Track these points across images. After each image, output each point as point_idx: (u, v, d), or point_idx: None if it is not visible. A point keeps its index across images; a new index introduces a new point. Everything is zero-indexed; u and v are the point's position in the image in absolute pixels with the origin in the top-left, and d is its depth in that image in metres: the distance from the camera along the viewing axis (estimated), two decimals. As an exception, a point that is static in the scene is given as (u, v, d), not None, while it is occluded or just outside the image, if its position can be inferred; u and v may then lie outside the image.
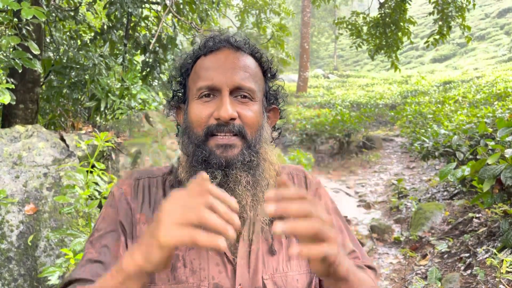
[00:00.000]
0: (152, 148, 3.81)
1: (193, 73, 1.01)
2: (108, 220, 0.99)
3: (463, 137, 5.23)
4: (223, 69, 0.95)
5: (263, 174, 0.97)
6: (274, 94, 1.07)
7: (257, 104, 0.97)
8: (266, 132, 1.01)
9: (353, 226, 5.66)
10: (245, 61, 0.98)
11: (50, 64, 5.04)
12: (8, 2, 2.69)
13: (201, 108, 0.94)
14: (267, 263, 0.97)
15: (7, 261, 2.63)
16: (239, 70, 0.95)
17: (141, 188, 1.02)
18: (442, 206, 5.00)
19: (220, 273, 0.93)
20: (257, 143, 0.96)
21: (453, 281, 3.21)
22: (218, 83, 0.93)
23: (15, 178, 2.88)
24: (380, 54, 8.98)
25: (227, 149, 0.92)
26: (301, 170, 1.15)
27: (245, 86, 0.94)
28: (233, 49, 0.99)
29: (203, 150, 0.92)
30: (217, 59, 0.97)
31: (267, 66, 1.05)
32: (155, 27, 6.38)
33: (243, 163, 0.93)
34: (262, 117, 0.99)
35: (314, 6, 10.31)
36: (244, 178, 0.92)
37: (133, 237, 0.97)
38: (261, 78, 1.02)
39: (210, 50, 0.99)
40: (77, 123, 4.17)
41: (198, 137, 0.94)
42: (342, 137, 10.82)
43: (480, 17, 34.08)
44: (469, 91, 12.92)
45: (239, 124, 0.93)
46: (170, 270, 0.92)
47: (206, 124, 0.93)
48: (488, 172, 3.06)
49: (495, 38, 30.20)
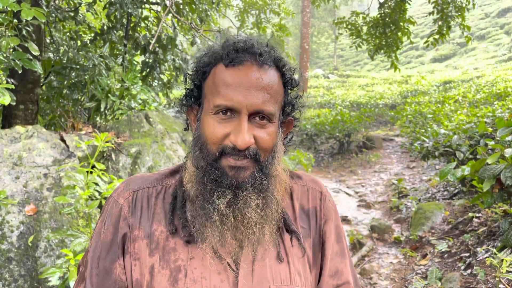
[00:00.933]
0: (152, 148, 3.81)
1: (211, 82, 0.94)
2: (105, 241, 0.97)
3: (463, 136, 5.23)
4: (244, 89, 0.88)
5: (273, 195, 0.95)
6: (292, 105, 1.01)
7: (274, 126, 0.93)
8: (280, 151, 0.97)
9: (353, 226, 5.66)
10: (269, 80, 0.91)
11: (50, 65, 5.05)
12: (8, 3, 2.69)
13: (217, 127, 0.90)
14: (275, 271, 0.95)
15: (7, 262, 2.63)
16: (261, 92, 0.89)
17: (139, 200, 0.99)
18: (442, 205, 5.00)
19: (222, 282, 0.92)
20: (270, 165, 0.93)
21: (453, 281, 3.21)
22: (237, 106, 0.88)
23: (15, 178, 2.89)
24: (380, 54, 8.98)
25: (239, 171, 0.89)
26: (318, 184, 1.11)
27: (266, 110, 0.89)
28: (257, 64, 0.91)
29: (215, 169, 0.90)
30: (238, 76, 0.89)
31: (289, 77, 0.98)
32: (155, 27, 6.39)
33: (253, 185, 0.90)
34: (277, 136, 0.95)
35: (314, 6, 10.31)
36: (254, 201, 0.90)
37: (131, 254, 0.95)
38: (281, 94, 0.96)
39: (232, 62, 0.91)
40: (77, 123, 4.17)
41: (211, 154, 0.90)
42: (342, 137, 10.83)
43: (480, 17, 34.08)
44: (469, 91, 12.93)
45: (254, 148, 0.90)
46: (172, 283, 0.91)
47: (221, 144, 0.89)
48: (488, 172, 3.07)
49: (495, 37, 30.20)
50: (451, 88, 16.07)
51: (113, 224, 0.98)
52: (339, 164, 10.27)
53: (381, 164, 9.55)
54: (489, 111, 6.86)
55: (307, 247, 1.02)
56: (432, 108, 10.85)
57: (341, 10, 31.46)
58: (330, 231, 1.06)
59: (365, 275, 4.08)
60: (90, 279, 0.96)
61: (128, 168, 3.66)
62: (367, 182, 8.28)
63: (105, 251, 0.96)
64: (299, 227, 1.03)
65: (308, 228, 1.04)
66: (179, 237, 0.94)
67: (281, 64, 0.96)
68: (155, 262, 0.93)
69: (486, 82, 14.33)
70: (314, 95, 20.44)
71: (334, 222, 1.08)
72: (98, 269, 0.95)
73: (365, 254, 4.62)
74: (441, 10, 7.79)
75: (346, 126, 10.66)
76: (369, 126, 12.90)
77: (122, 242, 0.96)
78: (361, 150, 10.88)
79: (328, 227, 1.06)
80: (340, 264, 1.06)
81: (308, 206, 1.06)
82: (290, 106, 1.01)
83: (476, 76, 18.69)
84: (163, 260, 0.93)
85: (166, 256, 0.93)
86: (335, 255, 1.06)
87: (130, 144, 3.80)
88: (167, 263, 0.92)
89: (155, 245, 0.94)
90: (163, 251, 0.93)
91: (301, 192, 1.07)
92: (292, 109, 1.02)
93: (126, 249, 0.96)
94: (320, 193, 1.09)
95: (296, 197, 1.06)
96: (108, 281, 0.95)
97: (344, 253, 1.08)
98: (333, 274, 1.04)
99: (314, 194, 1.08)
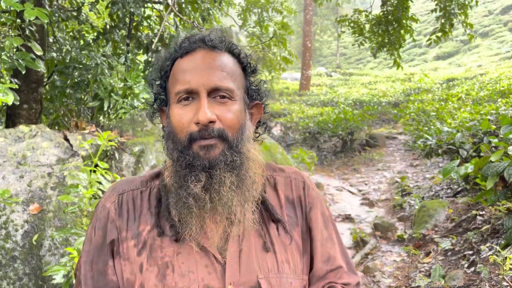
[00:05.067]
0: (155, 147, 3.83)
1: (171, 76, 0.99)
2: (95, 245, 1.00)
3: (467, 134, 5.21)
4: (199, 70, 0.94)
5: (248, 173, 0.96)
6: (256, 90, 1.05)
7: (237, 104, 0.96)
8: (249, 131, 1.00)
9: (356, 224, 5.66)
10: (222, 60, 0.96)
11: (53, 64, 5.07)
12: (11, 3, 2.70)
13: (181, 113, 0.93)
14: (262, 261, 0.97)
15: (12, 260, 2.65)
16: (216, 70, 0.94)
17: (125, 203, 1.02)
18: (445, 203, 4.99)
19: (210, 274, 0.93)
20: (239, 143, 0.95)
21: (456, 279, 3.21)
22: (195, 86, 0.92)
23: (20, 178, 2.90)
24: (382, 52, 8.96)
25: (209, 149, 0.91)
26: (300, 174, 1.14)
27: (223, 86, 0.93)
28: (208, 48, 0.97)
29: (186, 155, 0.92)
30: (193, 61, 0.95)
31: (246, 62, 1.03)
32: (158, 26, 6.39)
33: (226, 163, 0.92)
34: (243, 115, 0.98)
35: (316, 4, 10.29)
36: (228, 179, 0.92)
37: (120, 255, 0.98)
38: (240, 75, 1.00)
39: (186, 51, 0.97)
40: (80, 122, 4.18)
41: (181, 142, 0.93)
42: (345, 135, 10.81)
43: (484, 14, 33.92)
44: (473, 88, 12.88)
45: (219, 127, 0.92)
46: (160, 279, 0.93)
47: (188, 129, 0.92)
48: (492, 170, 3.06)
49: (499, 35, 30.06)
50: (454, 86, 16.01)
51: (102, 228, 1.01)
52: (342, 163, 10.26)
53: (384, 162, 9.53)
54: (492, 109, 6.84)
55: (295, 235, 1.04)
56: (435, 106, 10.82)
57: (343, 8, 31.38)
58: (317, 217, 1.08)
59: (368, 273, 4.08)
60: (85, 281, 0.99)
61: (131, 167, 3.67)
62: (370, 180, 8.27)
63: (97, 254, 0.99)
64: (285, 215, 1.05)
65: (295, 216, 1.06)
66: (166, 235, 0.97)
67: (235, 50, 1.01)
68: (143, 261, 0.95)
69: (490, 80, 14.26)
70: (317, 93, 20.41)
71: (319, 209, 1.10)
72: (92, 272, 0.98)
73: (368, 252, 4.62)
74: (444, 7, 7.76)
75: (349, 124, 10.64)
76: (372, 124, 12.86)
77: (111, 245, 0.99)
78: (364, 148, 10.86)
79: (313, 213, 1.08)
80: (331, 250, 1.07)
81: (293, 196, 1.08)
82: (255, 91, 1.05)
83: (479, 73, 18.60)
84: (151, 258, 0.95)
85: (154, 253, 0.95)
86: (325, 241, 1.07)
87: (133, 143, 3.81)
88: (155, 260, 0.95)
89: (143, 244, 0.97)
90: (150, 249, 0.96)
91: (284, 183, 1.10)
92: (258, 94, 1.06)
93: (116, 251, 0.98)
94: (303, 182, 1.11)
95: (280, 188, 1.08)
96: (102, 283, 0.97)
97: (333, 239, 1.10)
98: (326, 260, 1.06)
99: (297, 184, 1.11)
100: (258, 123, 1.09)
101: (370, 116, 12.42)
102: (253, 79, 1.05)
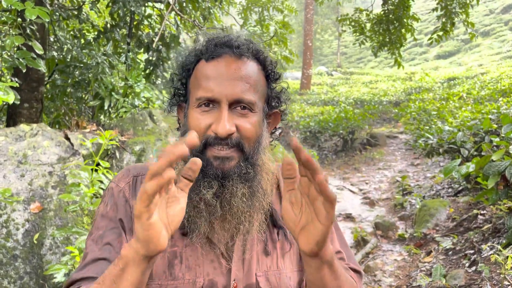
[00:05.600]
0: (156, 146, 3.82)
1: (193, 76, 0.99)
2: (107, 218, 0.99)
3: (468, 133, 5.20)
4: (223, 80, 0.92)
5: (260, 184, 0.97)
6: (277, 96, 1.04)
7: (256, 115, 0.96)
8: (265, 141, 0.99)
9: (357, 223, 5.66)
10: (247, 70, 0.95)
11: (54, 63, 5.07)
12: (12, 2, 2.70)
13: (200, 119, 0.93)
14: (261, 261, 0.99)
15: (13, 259, 2.65)
16: (240, 82, 0.93)
17: (139, 185, 1.02)
18: (446, 203, 4.98)
19: (215, 270, 0.95)
20: (255, 155, 0.96)
21: (457, 278, 3.20)
22: (217, 96, 0.91)
23: (21, 176, 2.90)
24: (383, 51, 8.96)
25: (224, 161, 0.92)
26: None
27: (245, 99, 0.93)
28: (235, 56, 0.95)
29: (201, 160, 0.93)
30: (217, 68, 0.94)
31: (271, 70, 1.02)
32: (158, 25, 6.39)
33: (239, 175, 0.92)
34: (261, 127, 0.98)
35: (317, 3, 10.28)
36: (240, 190, 0.92)
37: (132, 233, 0.97)
38: (263, 85, 0.99)
39: (212, 56, 0.96)
40: (81, 121, 4.19)
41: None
42: (346, 134, 10.80)
43: (485, 13, 33.88)
44: (474, 88, 12.86)
45: (237, 137, 0.92)
46: (168, 267, 0.94)
47: (204, 135, 0.92)
48: (493, 169, 3.05)
49: (500, 34, 30.02)
50: (455, 85, 15.99)
51: (116, 205, 1.00)
52: (343, 162, 10.25)
53: (385, 161, 9.52)
54: (493, 108, 6.83)
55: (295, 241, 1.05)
56: (436, 105, 10.80)
57: (344, 7, 31.35)
58: None
59: (369, 272, 4.08)
60: (92, 254, 0.96)
61: (132, 166, 3.66)
62: (371, 180, 8.26)
63: (109, 229, 0.98)
64: None
65: None
66: None
67: (260, 56, 1.00)
68: None
69: (491, 79, 14.25)
70: (317, 92, 20.39)
71: None
72: (101, 244, 0.96)
73: (369, 251, 4.61)
74: (445, 6, 7.75)
75: (349, 124, 10.63)
76: (373, 123, 12.85)
77: (123, 222, 0.98)
78: (365, 147, 10.85)
79: None
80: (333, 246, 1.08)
81: None
82: (275, 98, 1.04)
83: (480, 72, 18.58)
84: None
85: None
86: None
87: (134, 142, 3.81)
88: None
89: None
90: None
91: None
92: (278, 102, 1.05)
93: (129, 228, 0.98)
94: None
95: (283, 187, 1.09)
96: (111, 253, 0.95)
97: (333, 239, 1.10)
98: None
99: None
100: (274, 128, 1.08)
101: (371, 115, 12.41)
102: (274, 85, 1.04)
